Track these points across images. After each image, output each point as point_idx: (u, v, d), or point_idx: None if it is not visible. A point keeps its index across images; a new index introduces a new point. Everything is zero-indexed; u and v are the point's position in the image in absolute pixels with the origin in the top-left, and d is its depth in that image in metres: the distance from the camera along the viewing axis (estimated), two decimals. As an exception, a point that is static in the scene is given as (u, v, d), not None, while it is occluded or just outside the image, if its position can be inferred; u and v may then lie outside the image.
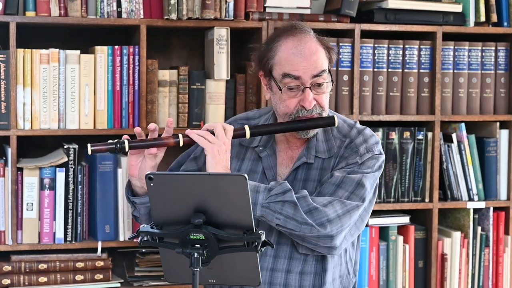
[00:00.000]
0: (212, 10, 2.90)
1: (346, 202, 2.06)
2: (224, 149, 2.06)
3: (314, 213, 2.02)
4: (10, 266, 2.86)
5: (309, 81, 2.09)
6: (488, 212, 3.24)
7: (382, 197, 3.14)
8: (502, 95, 3.25)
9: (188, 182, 1.76)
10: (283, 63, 2.11)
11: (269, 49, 2.14)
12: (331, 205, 2.04)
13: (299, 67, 2.09)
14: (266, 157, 2.20)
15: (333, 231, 2.03)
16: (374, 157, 2.15)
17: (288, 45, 2.11)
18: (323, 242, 2.05)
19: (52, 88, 2.84)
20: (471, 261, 3.24)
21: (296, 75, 2.09)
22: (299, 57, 2.09)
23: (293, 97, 2.11)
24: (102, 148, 2.09)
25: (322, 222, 2.02)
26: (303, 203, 2.03)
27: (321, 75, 2.10)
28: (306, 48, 2.10)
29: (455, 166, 3.20)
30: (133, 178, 2.15)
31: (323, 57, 2.13)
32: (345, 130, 2.20)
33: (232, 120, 2.34)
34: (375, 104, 3.11)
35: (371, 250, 3.13)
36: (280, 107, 2.15)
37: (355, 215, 2.08)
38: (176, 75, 3.00)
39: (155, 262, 2.98)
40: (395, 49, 3.12)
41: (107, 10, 2.88)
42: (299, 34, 2.12)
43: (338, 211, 2.04)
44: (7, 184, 2.82)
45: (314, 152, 2.17)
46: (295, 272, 2.13)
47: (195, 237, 1.77)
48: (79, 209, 2.89)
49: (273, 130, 2.17)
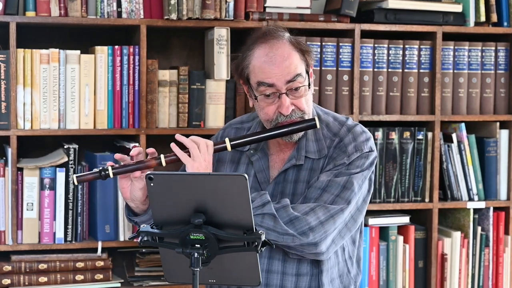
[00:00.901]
0: (212, 10, 2.90)
1: (330, 207, 2.05)
2: (204, 166, 2.07)
3: (295, 222, 2.02)
4: (10, 266, 2.86)
5: (284, 87, 2.08)
6: (488, 212, 3.24)
7: (382, 197, 3.14)
8: (502, 95, 3.26)
9: (188, 182, 1.76)
10: (256, 71, 2.10)
11: (244, 58, 2.14)
12: (312, 212, 2.04)
13: (271, 75, 2.07)
14: (257, 161, 2.21)
15: (316, 238, 2.03)
16: (363, 156, 2.13)
17: (260, 53, 2.10)
18: (308, 249, 2.05)
19: (52, 88, 2.84)
20: (471, 261, 3.24)
21: (270, 83, 2.07)
22: (270, 65, 2.07)
23: (270, 104, 2.10)
24: (87, 177, 2.12)
25: (304, 230, 2.02)
26: (283, 214, 2.03)
27: (296, 79, 2.08)
28: (278, 54, 2.08)
29: (455, 166, 3.20)
30: (127, 200, 2.16)
31: (297, 61, 2.09)
32: (335, 128, 2.19)
33: (227, 125, 2.35)
34: (375, 104, 3.11)
35: (371, 250, 3.13)
36: (260, 114, 2.15)
37: (340, 219, 2.06)
38: (176, 75, 3.00)
39: (155, 262, 2.99)
40: (395, 49, 3.12)
41: (107, 10, 2.88)
42: (271, 41, 2.10)
43: (321, 217, 2.03)
44: (7, 184, 2.82)
45: (304, 153, 2.16)
46: (290, 274, 2.13)
47: (195, 237, 1.77)
48: (79, 209, 2.89)
49: (254, 140, 2.16)
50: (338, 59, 3.05)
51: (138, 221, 2.18)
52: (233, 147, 2.14)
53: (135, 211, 2.17)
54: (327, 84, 3.05)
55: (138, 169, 2.09)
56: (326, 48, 3.04)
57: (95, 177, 2.10)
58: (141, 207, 2.14)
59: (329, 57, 3.05)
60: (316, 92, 3.04)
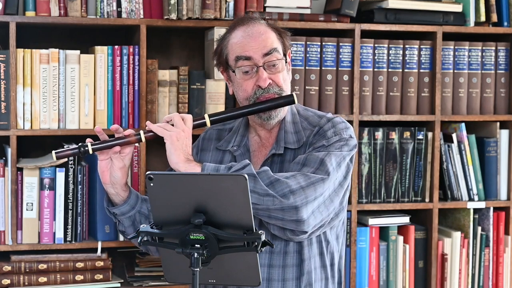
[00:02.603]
0: (212, 10, 2.90)
1: (310, 175, 2.04)
2: (183, 136, 2.08)
3: (276, 184, 2.01)
4: (10, 266, 2.86)
5: (261, 60, 2.14)
6: (488, 212, 3.24)
7: (382, 197, 3.14)
8: (502, 95, 3.25)
9: (188, 182, 1.76)
10: (234, 48, 2.17)
11: (222, 40, 2.22)
12: (293, 177, 2.03)
13: (249, 48, 2.14)
14: (240, 156, 2.23)
15: (297, 202, 2.00)
16: (342, 140, 2.14)
17: (238, 32, 2.18)
18: (288, 215, 2.01)
19: (52, 88, 2.84)
20: (471, 261, 3.24)
21: (247, 55, 2.14)
22: (247, 39, 2.15)
23: (248, 79, 2.16)
24: (66, 153, 2.13)
25: (285, 193, 2.00)
26: (263, 176, 2.02)
27: (272, 53, 2.15)
28: (255, 30, 2.16)
29: (455, 166, 3.20)
30: (107, 186, 2.16)
31: (273, 38, 2.17)
32: (315, 120, 2.22)
33: (209, 127, 2.35)
34: (375, 104, 3.11)
35: (371, 250, 3.13)
36: (239, 93, 2.20)
37: (320, 188, 2.04)
38: (176, 75, 3.00)
39: (155, 262, 2.99)
40: (395, 49, 3.12)
41: (107, 10, 2.88)
42: (248, 22, 2.19)
43: (302, 183, 2.02)
44: (7, 184, 2.82)
45: (283, 143, 2.18)
46: (277, 266, 2.13)
47: (195, 237, 1.77)
48: (79, 209, 2.89)
49: (234, 115, 2.20)
50: (338, 59, 3.05)
51: (117, 212, 2.17)
52: (212, 122, 2.18)
53: (115, 201, 2.17)
54: (327, 84, 3.05)
55: (117, 145, 2.10)
56: (326, 48, 3.04)
57: (74, 153, 2.11)
58: (121, 194, 2.14)
59: (329, 57, 3.05)
60: (316, 92, 3.04)
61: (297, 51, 3.01)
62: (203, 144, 2.33)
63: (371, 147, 3.11)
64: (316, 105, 3.04)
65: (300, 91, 3.02)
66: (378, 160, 3.12)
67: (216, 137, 2.32)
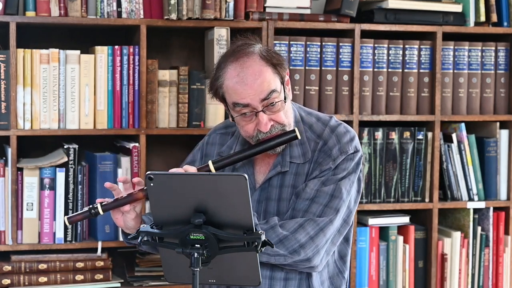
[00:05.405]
0: (212, 10, 2.90)
1: (318, 220, 2.04)
2: None
3: (285, 242, 2.02)
4: (10, 266, 2.86)
5: (259, 105, 2.05)
6: (488, 212, 3.24)
7: (382, 197, 3.14)
8: (502, 95, 3.26)
9: (188, 182, 1.76)
10: (230, 92, 2.07)
11: (217, 77, 2.11)
12: (301, 228, 2.03)
13: (245, 95, 2.05)
14: (241, 167, 2.19)
15: (308, 254, 2.03)
16: (348, 158, 2.11)
17: (231, 73, 2.06)
18: (301, 265, 2.06)
19: (52, 88, 2.84)
20: (471, 261, 3.24)
21: (245, 103, 2.06)
22: (243, 85, 2.05)
23: (249, 122, 2.09)
24: (78, 217, 2.09)
25: (294, 249, 2.02)
26: (272, 235, 2.02)
27: (270, 96, 2.05)
28: (249, 74, 2.05)
29: (455, 166, 3.20)
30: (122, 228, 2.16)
31: (269, 77, 2.06)
32: (319, 129, 2.17)
33: (212, 131, 2.34)
34: (375, 104, 3.11)
35: (371, 250, 3.13)
36: (241, 131, 2.14)
37: (330, 230, 2.06)
38: (176, 75, 3.00)
39: (155, 262, 2.99)
40: (395, 49, 3.12)
41: (107, 10, 2.88)
42: (242, 58, 2.07)
43: (310, 233, 2.03)
44: (7, 184, 2.82)
45: (288, 158, 2.15)
46: (278, 278, 2.12)
47: (195, 237, 1.77)
48: (79, 209, 2.89)
49: (237, 159, 2.14)
50: (338, 59, 3.05)
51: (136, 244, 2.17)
52: (216, 169, 2.12)
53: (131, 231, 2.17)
54: (327, 84, 3.05)
55: (126, 203, 2.06)
56: (326, 48, 3.04)
57: (85, 216, 2.07)
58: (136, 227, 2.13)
59: (329, 57, 3.05)
60: (316, 92, 3.04)
61: (297, 51, 3.01)
62: (207, 149, 2.31)
63: (371, 147, 3.11)
64: (316, 105, 3.04)
65: (300, 91, 3.03)
66: (378, 160, 3.12)
67: (219, 142, 2.29)
